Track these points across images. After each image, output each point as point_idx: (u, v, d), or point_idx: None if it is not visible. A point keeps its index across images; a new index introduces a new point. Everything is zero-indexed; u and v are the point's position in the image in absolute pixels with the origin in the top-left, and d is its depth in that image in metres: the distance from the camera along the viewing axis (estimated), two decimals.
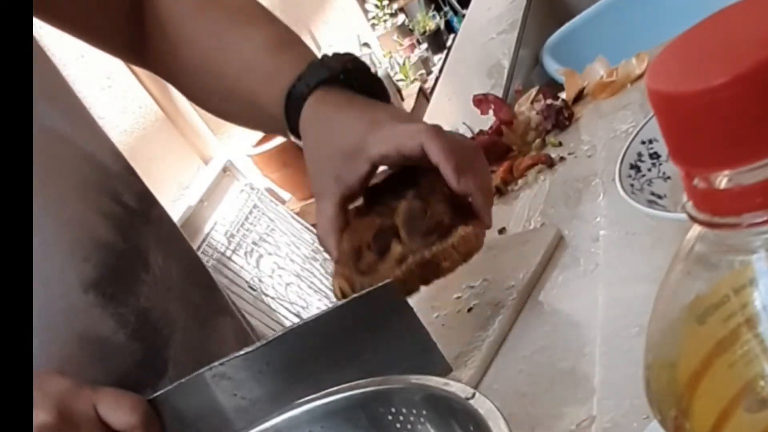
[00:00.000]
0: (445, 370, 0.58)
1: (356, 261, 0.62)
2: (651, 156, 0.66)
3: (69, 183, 0.64)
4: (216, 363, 0.56)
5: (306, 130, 0.65)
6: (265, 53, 0.69)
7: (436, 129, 0.60)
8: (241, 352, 0.56)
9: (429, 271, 0.61)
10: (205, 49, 0.72)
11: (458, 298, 0.70)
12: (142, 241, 0.68)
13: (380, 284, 0.55)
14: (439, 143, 0.59)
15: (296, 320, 0.65)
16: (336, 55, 0.66)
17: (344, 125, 0.62)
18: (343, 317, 0.55)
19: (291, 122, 0.66)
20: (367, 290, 0.54)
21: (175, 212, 2.26)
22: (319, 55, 0.67)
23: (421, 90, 3.60)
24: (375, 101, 0.65)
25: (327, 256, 0.73)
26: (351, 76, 0.65)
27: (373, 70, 0.68)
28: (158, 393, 0.57)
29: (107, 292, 0.63)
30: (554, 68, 1.24)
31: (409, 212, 0.61)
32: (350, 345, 0.56)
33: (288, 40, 0.70)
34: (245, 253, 2.38)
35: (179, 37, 0.73)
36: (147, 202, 0.72)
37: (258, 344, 0.56)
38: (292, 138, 0.68)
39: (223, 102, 0.76)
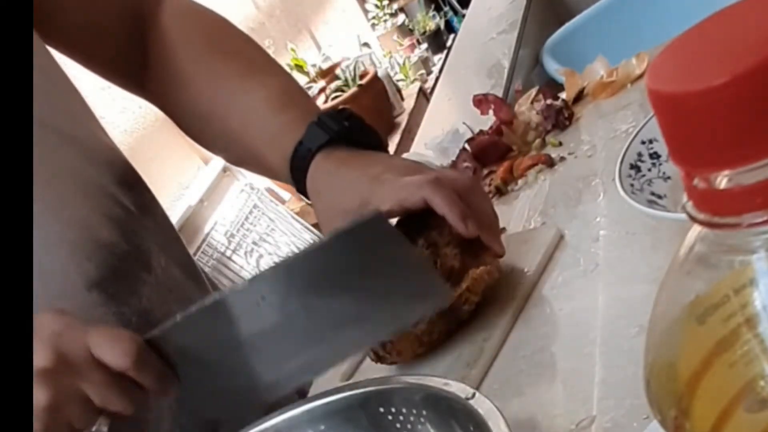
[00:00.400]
0: (444, 294, 0.59)
1: None
2: (651, 156, 0.66)
3: (72, 184, 0.65)
4: (211, 298, 0.55)
5: (312, 192, 0.68)
6: (267, 111, 0.71)
7: (437, 181, 0.62)
8: (236, 287, 0.56)
9: (450, 319, 0.64)
10: (209, 98, 0.73)
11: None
12: (143, 243, 0.69)
13: (368, 216, 0.55)
14: (441, 195, 0.61)
15: None
16: (333, 114, 0.69)
17: (348, 185, 0.65)
18: (336, 248, 0.55)
19: (297, 182, 0.69)
20: (354, 222, 0.54)
21: (175, 212, 2.26)
22: (320, 56, 0.68)
23: (421, 90, 3.59)
24: (373, 154, 0.68)
25: None
26: (349, 134, 0.68)
27: (373, 70, 0.69)
28: (156, 331, 0.56)
29: (110, 291, 0.64)
30: (554, 68, 1.24)
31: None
32: (346, 275, 0.56)
33: (290, 94, 0.73)
34: (245, 253, 2.38)
35: (184, 79, 0.74)
36: (148, 205, 0.73)
37: (251, 278, 0.56)
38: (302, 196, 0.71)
39: (225, 150, 0.79)
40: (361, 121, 0.70)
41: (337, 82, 3.16)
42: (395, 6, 4.16)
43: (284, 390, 0.59)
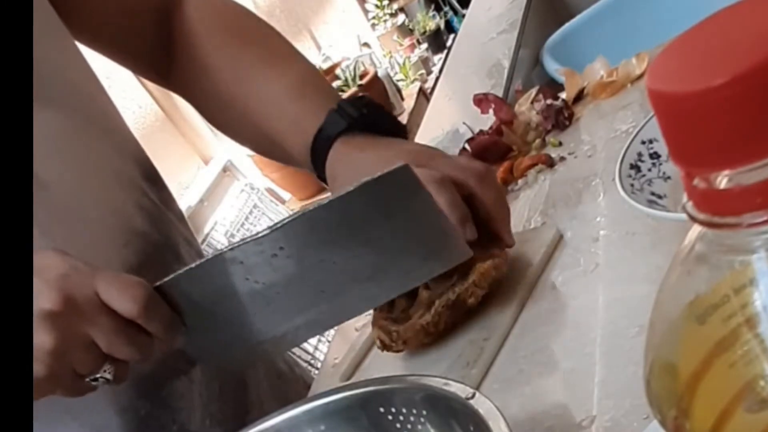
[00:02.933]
0: (464, 252, 0.59)
1: (389, 309, 0.66)
2: (651, 156, 0.66)
3: (110, 172, 0.68)
4: (226, 248, 0.55)
5: (329, 177, 0.69)
6: (288, 99, 0.72)
7: (441, 181, 0.62)
8: (253, 237, 0.55)
9: (457, 311, 0.64)
10: (232, 86, 0.74)
11: None
12: (172, 235, 0.72)
13: (395, 167, 0.54)
14: (444, 197, 0.61)
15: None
16: (353, 101, 0.70)
17: (362, 168, 0.65)
18: (357, 201, 0.54)
19: (317, 169, 0.70)
20: (380, 174, 0.53)
21: None
22: (322, 55, 0.69)
23: (421, 90, 3.59)
24: (390, 140, 0.68)
25: None
26: (368, 120, 0.69)
27: (373, 70, 0.70)
28: (167, 279, 0.55)
29: (147, 279, 0.65)
30: (554, 68, 1.24)
31: None
32: (365, 229, 0.56)
33: (311, 81, 0.74)
34: None
35: (207, 68, 0.75)
36: (167, 200, 0.76)
37: (270, 228, 0.55)
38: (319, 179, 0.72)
39: (248, 138, 0.80)
40: (380, 107, 0.71)
41: (338, 82, 3.16)
42: (395, 6, 4.16)
43: (292, 344, 0.59)
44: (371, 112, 0.69)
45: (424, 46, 4.00)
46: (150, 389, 0.67)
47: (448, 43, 3.92)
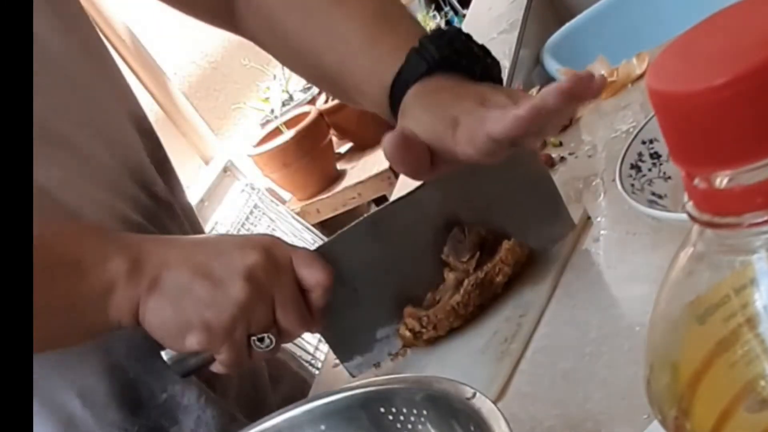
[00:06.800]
0: (569, 225, 0.67)
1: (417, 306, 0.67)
2: (651, 156, 0.66)
3: (101, 167, 0.67)
4: (371, 213, 0.64)
5: (401, 112, 0.63)
6: (363, 43, 0.65)
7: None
8: (391, 201, 0.64)
9: (486, 289, 0.65)
10: (301, 33, 0.69)
11: None
12: (168, 231, 0.71)
13: (525, 151, 0.62)
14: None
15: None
16: (436, 38, 0.62)
17: (436, 109, 0.59)
18: (487, 175, 0.63)
19: (395, 110, 0.65)
20: (512, 155, 0.58)
21: None
22: None
23: None
24: (469, 86, 0.60)
25: None
26: (450, 62, 0.61)
27: None
28: (322, 245, 0.63)
29: None
30: (555, 68, 1.24)
31: (453, 239, 0.65)
32: (491, 205, 0.65)
33: (387, 17, 0.67)
34: None
35: (274, 16, 0.70)
36: (175, 196, 0.75)
37: (405, 194, 0.63)
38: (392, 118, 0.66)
39: (325, 85, 0.78)
40: (468, 43, 0.63)
41: None
42: None
43: None
44: (457, 50, 0.61)
45: None
46: (143, 352, 0.66)
47: None
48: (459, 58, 0.61)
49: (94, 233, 0.60)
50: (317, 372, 0.83)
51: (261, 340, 0.59)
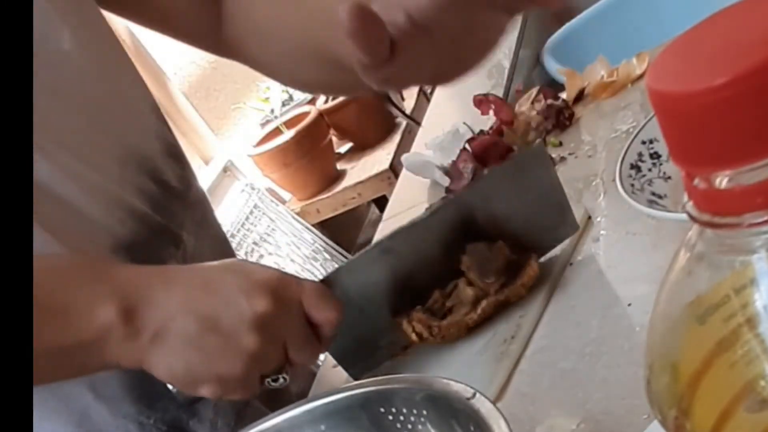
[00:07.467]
0: (573, 227, 0.67)
1: (423, 303, 0.66)
2: (651, 156, 0.66)
3: (108, 156, 0.67)
4: (385, 237, 0.63)
5: None
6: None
7: None
8: (405, 225, 0.63)
9: (499, 308, 0.65)
10: (284, 16, 0.67)
11: None
12: (176, 220, 0.71)
13: (533, 148, 0.65)
14: None
15: None
16: None
17: None
18: (499, 178, 0.65)
19: None
20: (521, 153, 0.62)
21: None
22: None
23: (421, 90, 3.59)
24: None
25: (327, 256, 0.75)
26: None
27: None
28: (330, 273, 0.62)
29: (134, 257, 0.65)
30: (555, 68, 1.24)
31: (477, 254, 0.65)
32: (503, 206, 0.65)
33: None
34: (246, 253, 2.38)
35: (259, 29, 0.69)
36: (187, 183, 0.75)
37: (424, 215, 0.63)
38: None
39: (313, 72, 0.70)
40: None
41: None
42: None
43: None
44: None
45: None
46: None
47: None
48: None
49: (85, 272, 0.57)
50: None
51: (275, 380, 0.58)
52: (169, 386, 0.58)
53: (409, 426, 0.48)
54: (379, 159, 2.25)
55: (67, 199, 0.63)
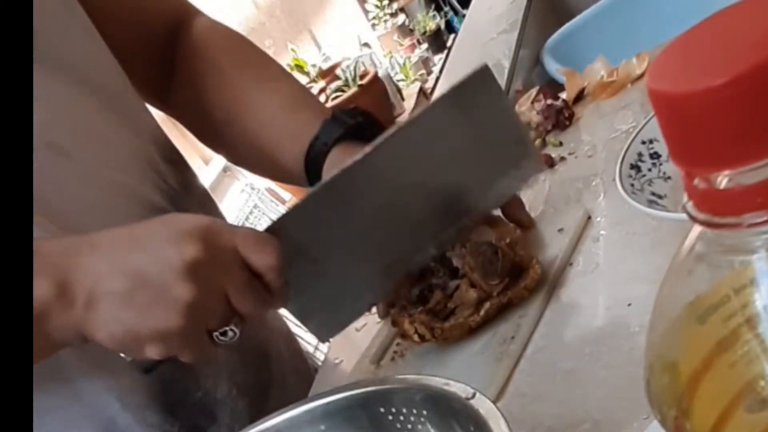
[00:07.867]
0: (537, 167, 0.64)
1: (424, 302, 0.66)
2: (651, 156, 0.66)
3: (124, 153, 0.69)
4: (328, 177, 0.58)
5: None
6: (283, 113, 0.74)
7: None
8: (345, 165, 0.58)
9: (502, 310, 0.65)
10: (230, 104, 0.76)
11: None
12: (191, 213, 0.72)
13: (477, 69, 0.58)
14: None
15: (294, 320, 0.67)
16: (346, 112, 0.71)
17: None
18: (444, 110, 0.59)
19: (311, 177, 0.70)
20: (465, 77, 0.56)
21: None
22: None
23: (421, 90, 3.59)
24: None
25: None
26: (363, 129, 0.69)
27: (373, 70, 0.71)
28: (274, 221, 0.57)
29: None
30: (555, 68, 1.24)
31: (482, 255, 0.64)
32: (451, 141, 0.60)
33: (304, 98, 0.76)
34: None
35: (207, 87, 0.77)
36: (190, 182, 0.77)
37: (358, 157, 0.58)
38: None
39: (242, 155, 0.81)
40: (373, 117, 0.72)
41: (338, 83, 3.16)
42: (395, 6, 4.16)
43: (378, 295, 0.64)
44: (366, 120, 0.70)
45: (425, 46, 4.00)
46: None
47: (449, 43, 3.91)
48: (368, 125, 0.70)
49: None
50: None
51: (224, 333, 0.55)
52: (122, 355, 0.56)
53: (409, 426, 0.48)
54: None
55: (86, 198, 0.64)
